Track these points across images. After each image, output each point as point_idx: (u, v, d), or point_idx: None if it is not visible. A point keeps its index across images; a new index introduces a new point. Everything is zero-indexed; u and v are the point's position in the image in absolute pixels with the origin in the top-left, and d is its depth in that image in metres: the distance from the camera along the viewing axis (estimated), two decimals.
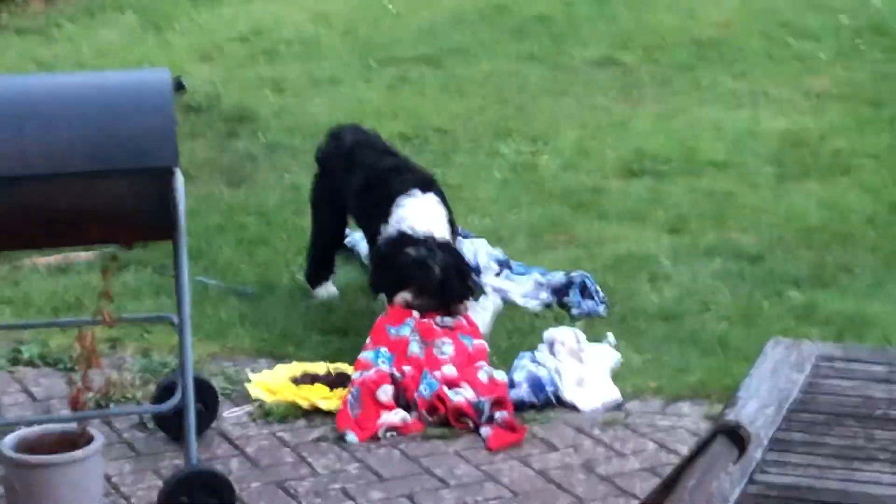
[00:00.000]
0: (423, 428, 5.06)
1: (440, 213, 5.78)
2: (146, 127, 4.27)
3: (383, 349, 5.33)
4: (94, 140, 4.23)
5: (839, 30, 10.29)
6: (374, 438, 5.00)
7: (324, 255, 6.17)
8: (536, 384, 5.25)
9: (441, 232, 5.70)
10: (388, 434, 5.03)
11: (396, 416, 5.09)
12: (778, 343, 3.30)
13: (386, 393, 5.16)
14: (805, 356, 3.29)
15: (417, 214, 5.71)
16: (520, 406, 5.18)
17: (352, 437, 5.01)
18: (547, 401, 5.22)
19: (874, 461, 2.85)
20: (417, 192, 5.79)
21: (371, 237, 5.93)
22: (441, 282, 5.59)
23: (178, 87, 8.72)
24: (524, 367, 5.32)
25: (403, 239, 5.65)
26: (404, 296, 5.56)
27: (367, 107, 8.74)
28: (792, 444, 2.92)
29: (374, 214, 5.83)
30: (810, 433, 2.94)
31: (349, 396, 5.14)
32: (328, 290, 6.13)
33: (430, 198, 5.81)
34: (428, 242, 5.63)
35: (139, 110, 4.29)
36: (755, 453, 2.82)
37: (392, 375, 5.20)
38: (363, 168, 5.98)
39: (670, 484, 2.30)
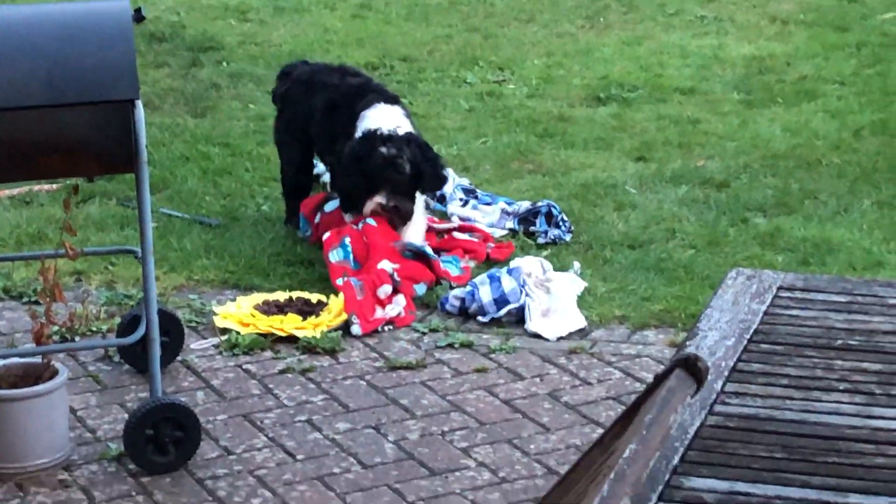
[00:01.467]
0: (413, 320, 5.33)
1: (407, 120, 5.79)
2: (106, 59, 4.21)
3: (346, 238, 5.58)
4: (53, 73, 4.18)
5: None
6: (374, 332, 5.23)
7: (295, 189, 6.14)
8: (501, 297, 5.28)
9: (407, 128, 5.70)
10: (387, 328, 5.26)
11: (394, 309, 5.29)
12: (739, 273, 3.30)
13: (385, 292, 5.33)
14: (766, 286, 3.30)
15: (383, 119, 5.70)
16: (481, 315, 5.30)
17: (356, 328, 5.21)
18: (508, 314, 5.29)
19: (833, 391, 2.87)
20: (382, 104, 5.80)
21: (336, 155, 5.88)
22: (413, 177, 5.62)
23: (138, 17, 8.63)
24: (487, 282, 5.36)
25: (371, 137, 5.62)
26: (378, 201, 5.62)
27: (331, 35, 8.69)
28: (752, 374, 2.93)
29: (340, 135, 5.81)
30: (770, 364, 2.95)
31: (353, 283, 5.34)
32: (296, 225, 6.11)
33: (396, 108, 5.82)
34: (396, 139, 5.61)
35: (98, 42, 4.24)
36: (715, 384, 2.83)
37: (392, 276, 5.41)
38: (325, 90, 5.96)
39: (628, 418, 2.31)
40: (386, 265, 5.48)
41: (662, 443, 2.21)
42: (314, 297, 5.42)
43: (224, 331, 5.24)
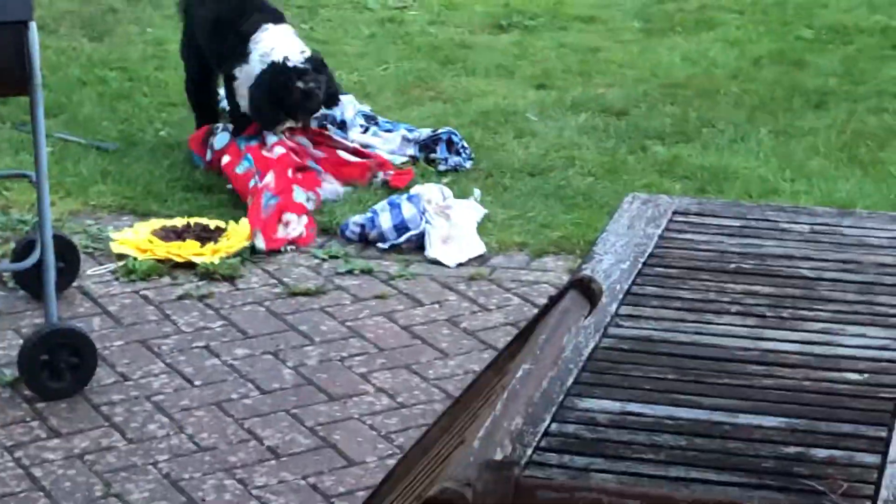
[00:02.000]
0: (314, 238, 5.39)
1: (299, 40, 5.89)
2: None
3: (247, 154, 5.64)
4: None
5: None
6: (276, 252, 5.24)
7: (199, 103, 6.12)
8: (401, 224, 5.29)
9: (305, 50, 5.81)
10: (290, 247, 5.29)
11: (295, 230, 5.33)
12: (635, 198, 3.33)
13: (290, 220, 5.37)
14: (661, 211, 3.32)
15: (280, 43, 5.77)
16: (381, 241, 5.32)
17: (260, 242, 5.24)
18: (409, 242, 5.30)
19: (725, 314, 2.90)
20: (270, 25, 5.85)
21: (227, 77, 5.94)
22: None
23: None
24: (388, 208, 5.36)
25: (283, 70, 5.69)
26: (289, 125, 5.82)
27: None
28: (646, 297, 2.96)
29: (229, 55, 5.85)
30: (664, 287, 2.98)
31: (264, 199, 5.35)
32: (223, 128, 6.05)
33: (285, 27, 5.90)
34: (309, 71, 5.71)
35: None
36: (609, 307, 2.85)
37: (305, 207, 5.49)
38: (212, 8, 5.97)
39: (522, 339, 2.33)
40: (300, 195, 5.49)
41: (556, 363, 2.23)
42: (213, 224, 5.38)
43: (121, 257, 5.19)
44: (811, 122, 6.46)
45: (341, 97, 6.05)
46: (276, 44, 5.75)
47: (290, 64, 5.70)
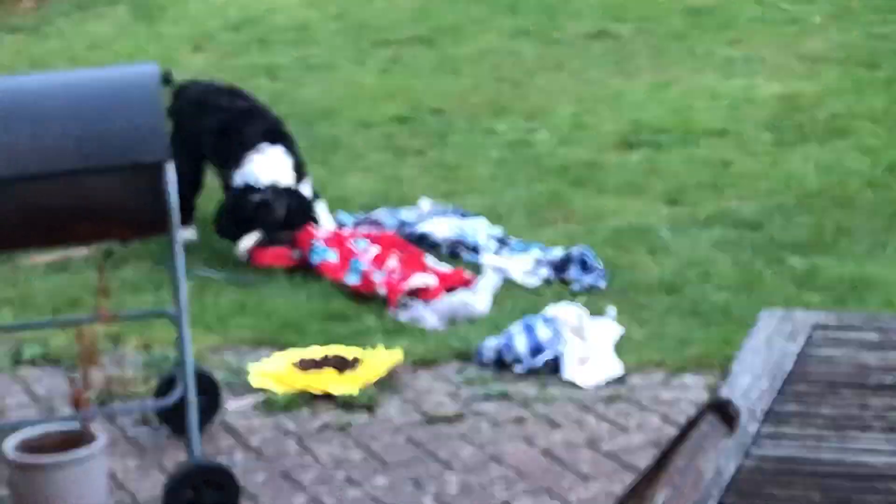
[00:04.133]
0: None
1: (286, 164, 6.44)
2: (135, 122, 4.25)
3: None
4: (83, 137, 4.22)
5: None
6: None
7: (182, 202, 6.33)
8: (536, 346, 5.28)
9: (285, 180, 6.38)
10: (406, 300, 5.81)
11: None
12: (772, 314, 3.29)
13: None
14: (799, 326, 3.28)
15: (263, 168, 6.37)
16: (518, 364, 5.30)
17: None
18: (545, 364, 5.28)
19: (869, 430, 2.85)
20: (266, 145, 6.43)
21: (224, 179, 6.53)
22: (285, 218, 6.32)
23: (167, 80, 8.68)
24: (523, 331, 5.35)
25: (248, 189, 6.34)
26: (248, 241, 6.32)
27: (361, 90, 8.73)
28: (786, 415, 2.91)
29: (229, 158, 6.46)
30: (805, 404, 2.93)
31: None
32: (188, 233, 6.44)
33: (277, 150, 6.44)
34: (269, 190, 6.32)
35: (127, 106, 4.28)
36: (750, 427, 2.81)
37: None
38: (216, 112, 6.52)
39: (660, 464, 2.30)
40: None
41: (695, 489, 2.20)
42: (350, 353, 5.41)
43: (261, 389, 5.24)
44: None
45: (461, 220, 6.37)
46: (261, 168, 6.36)
47: (253, 184, 6.33)
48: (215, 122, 6.53)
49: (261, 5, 10.93)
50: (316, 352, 5.44)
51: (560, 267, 6.07)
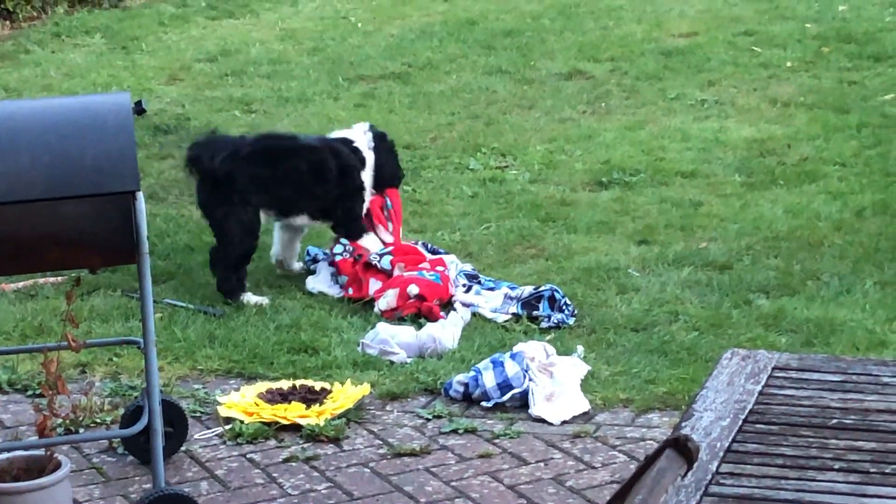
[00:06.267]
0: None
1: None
2: (106, 151, 4.26)
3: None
4: (55, 166, 4.22)
5: (804, 37, 10.35)
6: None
7: (246, 256, 6.41)
8: (505, 382, 5.29)
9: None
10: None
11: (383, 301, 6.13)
12: (734, 354, 3.31)
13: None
14: (761, 367, 3.31)
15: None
16: (485, 400, 5.32)
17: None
18: (513, 400, 5.30)
19: (828, 470, 2.87)
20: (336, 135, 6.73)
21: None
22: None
23: (139, 110, 8.73)
24: (491, 366, 5.37)
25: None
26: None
27: (335, 124, 8.74)
28: (747, 455, 2.93)
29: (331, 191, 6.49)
30: (765, 443, 2.95)
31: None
32: (256, 297, 6.31)
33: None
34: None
35: (99, 135, 4.29)
36: (710, 465, 2.83)
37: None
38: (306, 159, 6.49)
39: (619, 499, 2.32)
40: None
41: None
42: (318, 385, 5.43)
43: (228, 420, 5.24)
44: None
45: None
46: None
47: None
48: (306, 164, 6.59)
49: (237, 38, 10.96)
50: (284, 383, 5.46)
51: (529, 304, 6.10)
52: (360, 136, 6.68)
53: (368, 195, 6.64)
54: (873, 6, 11.10)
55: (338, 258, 6.42)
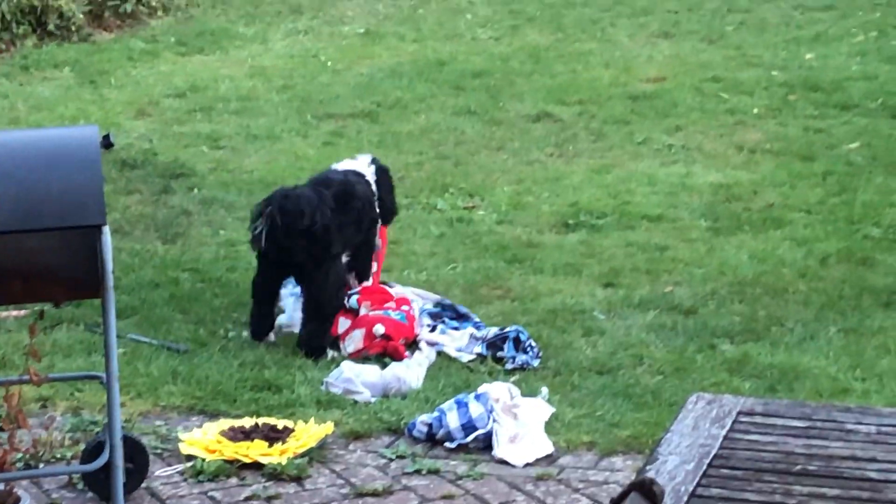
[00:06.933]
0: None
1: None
2: (73, 184, 4.25)
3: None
4: (20, 198, 4.21)
5: (771, 85, 10.41)
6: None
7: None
8: (468, 423, 5.28)
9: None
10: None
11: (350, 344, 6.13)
12: (699, 398, 3.32)
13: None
14: (726, 411, 3.31)
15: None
16: (449, 440, 5.31)
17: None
18: (477, 441, 5.29)
19: None
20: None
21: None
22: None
23: (106, 144, 8.71)
24: (455, 407, 5.35)
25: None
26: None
27: (303, 162, 8.75)
28: (711, 499, 2.93)
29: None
30: (729, 489, 2.95)
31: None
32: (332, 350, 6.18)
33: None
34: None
35: (66, 168, 4.28)
36: None
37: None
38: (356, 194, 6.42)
39: None
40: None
41: None
42: (280, 424, 5.40)
43: (189, 457, 5.21)
44: (881, 321, 6.43)
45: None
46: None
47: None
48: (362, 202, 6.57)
49: (206, 74, 10.95)
50: (246, 421, 5.43)
51: (494, 344, 6.09)
52: (367, 169, 6.64)
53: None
54: (840, 55, 11.18)
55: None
